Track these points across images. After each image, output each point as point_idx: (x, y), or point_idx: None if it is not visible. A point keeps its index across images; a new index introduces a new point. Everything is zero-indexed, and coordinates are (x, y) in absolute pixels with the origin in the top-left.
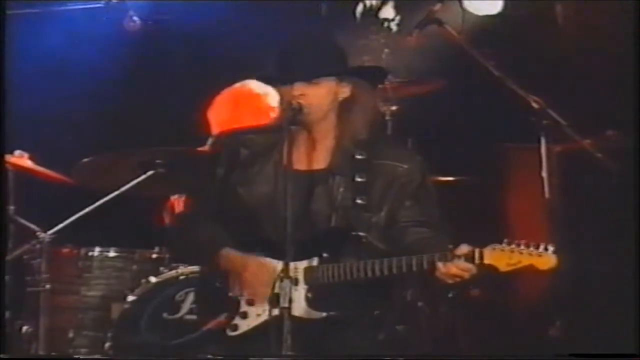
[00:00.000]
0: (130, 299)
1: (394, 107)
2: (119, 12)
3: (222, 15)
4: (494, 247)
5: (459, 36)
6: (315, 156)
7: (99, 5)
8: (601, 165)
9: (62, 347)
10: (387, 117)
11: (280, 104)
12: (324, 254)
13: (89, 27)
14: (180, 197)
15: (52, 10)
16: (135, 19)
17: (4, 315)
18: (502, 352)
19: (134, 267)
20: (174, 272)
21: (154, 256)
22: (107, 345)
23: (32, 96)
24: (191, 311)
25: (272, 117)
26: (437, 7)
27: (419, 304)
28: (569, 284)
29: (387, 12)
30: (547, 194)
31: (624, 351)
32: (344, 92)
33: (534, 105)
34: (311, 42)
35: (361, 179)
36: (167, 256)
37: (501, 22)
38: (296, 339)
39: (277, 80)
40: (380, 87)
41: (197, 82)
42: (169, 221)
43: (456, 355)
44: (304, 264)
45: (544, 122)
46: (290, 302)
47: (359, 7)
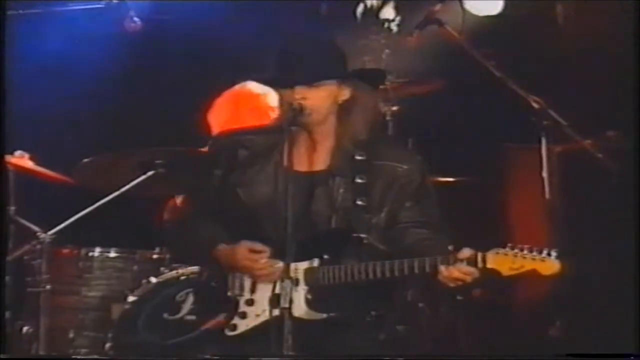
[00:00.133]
0: (130, 299)
1: (394, 108)
2: (120, 12)
3: (222, 15)
4: (497, 251)
5: (460, 36)
6: (315, 157)
7: (99, 5)
8: (601, 165)
9: (63, 347)
10: (387, 118)
11: (280, 105)
12: (325, 256)
13: (89, 27)
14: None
15: (52, 10)
16: (135, 19)
17: (4, 315)
18: (503, 352)
19: (135, 267)
20: (174, 272)
21: (155, 257)
22: (107, 345)
23: (32, 96)
24: (192, 312)
25: (272, 118)
26: (437, 7)
27: (420, 305)
28: (569, 285)
29: (388, 12)
30: (547, 194)
31: (624, 351)
32: (344, 94)
33: (535, 105)
34: (312, 45)
35: (361, 180)
36: (167, 256)
37: (501, 23)
38: (296, 339)
39: (278, 82)
40: (381, 87)
41: (197, 82)
42: (168, 221)
43: (457, 355)
44: (304, 265)
45: (545, 122)
46: (290, 302)
47: (360, 8)
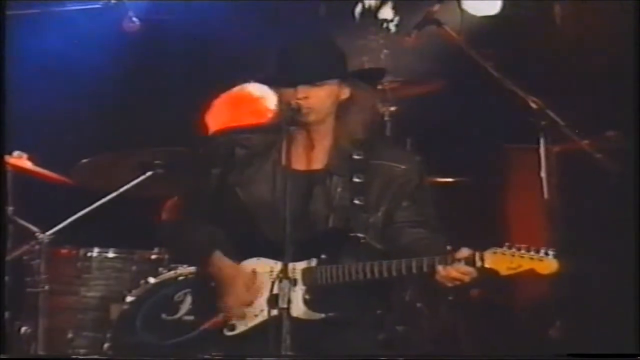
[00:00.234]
0: (129, 299)
1: (393, 108)
2: (118, 12)
3: (221, 15)
4: (494, 250)
5: (458, 37)
6: (313, 156)
7: (97, 5)
8: (600, 165)
9: (61, 347)
10: (386, 118)
11: (278, 105)
12: (322, 255)
13: (88, 27)
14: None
15: (51, 10)
16: (134, 19)
17: (4, 315)
18: (503, 352)
19: (133, 267)
20: (172, 272)
21: (153, 257)
22: (106, 345)
23: (30, 96)
24: (190, 312)
25: (269, 117)
26: (435, 7)
27: (418, 305)
28: (568, 284)
29: (386, 12)
30: (546, 194)
31: (624, 351)
32: (344, 93)
33: (533, 105)
34: (312, 45)
35: (359, 179)
36: (166, 257)
37: (500, 23)
38: (295, 339)
39: (279, 82)
40: (379, 87)
41: (196, 82)
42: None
43: (456, 355)
44: (302, 265)
45: (543, 122)
46: (289, 302)
47: (358, 8)
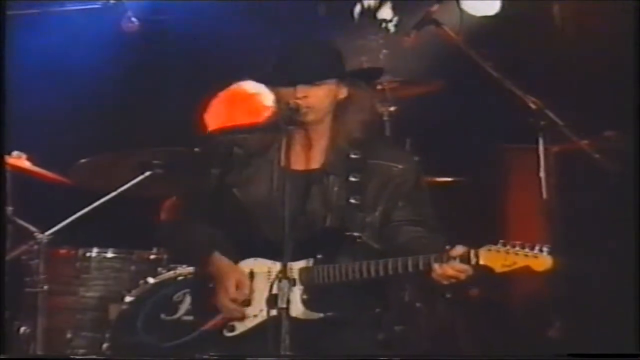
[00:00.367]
0: (128, 299)
1: (392, 108)
2: (117, 12)
3: (220, 15)
4: (489, 248)
5: (457, 37)
6: (310, 156)
7: (96, 5)
8: (599, 165)
9: (60, 347)
10: (385, 118)
11: (276, 104)
12: (319, 255)
13: (87, 27)
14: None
15: (50, 10)
16: (133, 19)
17: (3, 315)
18: (501, 351)
19: (132, 267)
20: (171, 272)
21: (152, 257)
22: (105, 345)
23: (29, 97)
24: (189, 312)
25: (266, 116)
26: (434, 7)
27: (417, 304)
28: (568, 284)
29: (385, 12)
30: (544, 194)
31: (624, 351)
32: (342, 92)
33: (532, 105)
34: (311, 44)
35: (355, 179)
36: (165, 257)
37: (499, 23)
38: (294, 339)
39: (278, 82)
40: (378, 87)
41: (195, 82)
42: (164, 221)
43: (455, 355)
44: (299, 265)
45: (542, 122)
46: (288, 302)
47: (357, 8)
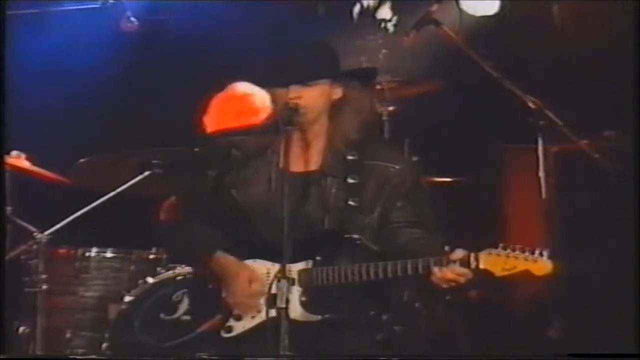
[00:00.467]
0: (127, 299)
1: (391, 108)
2: (116, 12)
3: (220, 14)
4: (489, 251)
5: (456, 37)
6: (308, 157)
7: (95, 5)
8: (598, 165)
9: (60, 347)
10: (384, 118)
11: (273, 105)
12: (318, 257)
13: (86, 27)
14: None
15: (49, 10)
16: (132, 19)
17: (3, 315)
18: (501, 352)
19: (131, 267)
20: (171, 272)
21: (151, 257)
22: (104, 345)
23: (28, 96)
24: (188, 312)
25: (264, 118)
26: (434, 7)
27: (416, 305)
28: (568, 285)
29: (384, 12)
30: (544, 194)
31: (624, 351)
32: (337, 92)
33: (531, 105)
34: (304, 44)
35: (353, 180)
36: (164, 257)
37: (498, 23)
38: (292, 341)
39: (271, 82)
40: (378, 87)
41: (194, 82)
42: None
43: (454, 355)
44: (298, 267)
45: (541, 122)
46: (287, 302)
47: (356, 8)
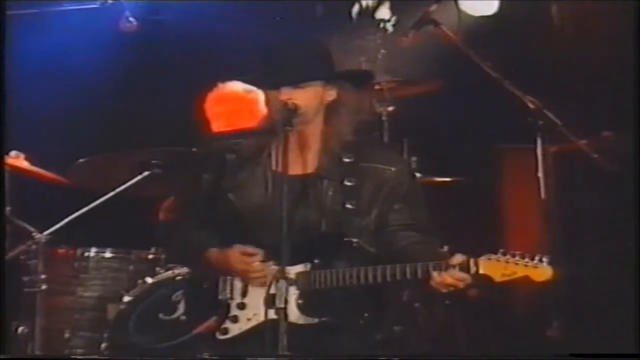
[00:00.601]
0: (126, 299)
1: (390, 108)
2: (115, 12)
3: (218, 15)
4: (489, 257)
5: (455, 37)
6: (304, 160)
7: (94, 5)
8: (597, 165)
9: (59, 347)
10: (383, 118)
11: (268, 106)
12: (316, 260)
13: (85, 27)
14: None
15: (49, 10)
16: (131, 19)
17: (2, 315)
18: (501, 352)
19: (130, 267)
20: (170, 272)
21: (150, 257)
22: (103, 345)
23: (28, 96)
24: (186, 312)
25: (260, 120)
26: (433, 7)
27: (416, 305)
28: (568, 285)
29: (383, 12)
30: (542, 194)
31: (624, 351)
32: (330, 94)
33: (530, 105)
34: (297, 45)
35: (350, 183)
36: (163, 257)
37: (497, 23)
38: (289, 343)
39: (263, 83)
40: (377, 87)
41: (193, 82)
42: (161, 222)
43: (454, 355)
44: (296, 270)
45: (540, 122)
46: (286, 302)
47: (355, 8)
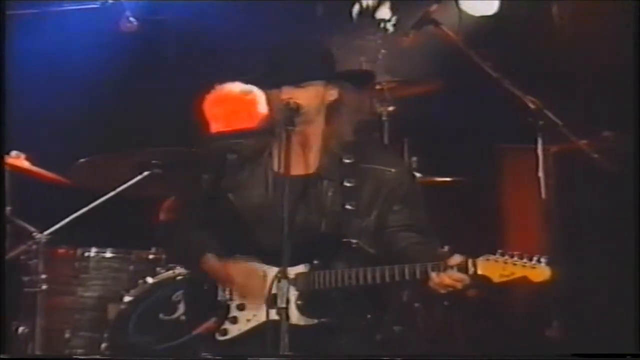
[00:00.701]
0: (126, 299)
1: (390, 108)
2: (115, 12)
3: (219, 15)
4: (487, 257)
5: (456, 37)
6: (304, 160)
7: (95, 5)
8: (598, 165)
9: (59, 347)
10: (383, 118)
11: (270, 106)
12: (315, 261)
13: (85, 27)
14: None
15: (49, 10)
16: (131, 19)
17: (2, 315)
18: (500, 352)
19: (131, 267)
20: (170, 272)
21: (151, 257)
22: (103, 345)
23: (28, 96)
24: (186, 313)
25: (261, 120)
26: (433, 7)
27: (416, 305)
28: (568, 285)
29: (384, 12)
30: (543, 194)
31: (624, 351)
32: (332, 94)
33: (531, 105)
34: (299, 45)
35: (350, 184)
36: (163, 257)
37: (497, 23)
38: (289, 344)
39: (264, 83)
40: (377, 87)
41: (193, 82)
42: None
43: (454, 355)
44: (295, 270)
45: (541, 122)
46: (287, 302)
47: (356, 8)
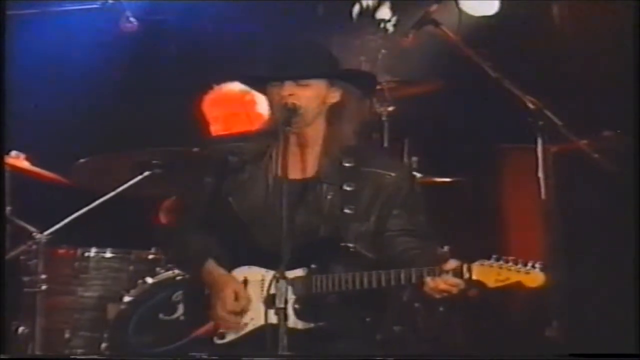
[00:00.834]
0: (126, 299)
1: (390, 108)
2: (115, 12)
3: (219, 15)
4: (482, 262)
5: (456, 37)
6: (304, 164)
7: (95, 5)
8: (598, 165)
9: (59, 347)
10: (383, 118)
11: (270, 106)
12: (313, 265)
13: (86, 27)
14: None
15: (49, 10)
16: (131, 19)
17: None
18: (500, 352)
19: (131, 267)
20: (170, 272)
21: (151, 257)
22: (103, 345)
23: (28, 96)
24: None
25: (263, 123)
26: (433, 7)
27: (416, 305)
28: (569, 285)
29: (384, 12)
30: (543, 195)
31: (624, 351)
32: (334, 96)
33: (531, 105)
34: (301, 44)
35: (349, 188)
36: (163, 257)
37: (498, 23)
38: (287, 347)
39: (266, 81)
40: (377, 87)
41: (193, 82)
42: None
43: (454, 355)
44: (293, 274)
45: (541, 122)
46: (286, 302)
47: (356, 8)
